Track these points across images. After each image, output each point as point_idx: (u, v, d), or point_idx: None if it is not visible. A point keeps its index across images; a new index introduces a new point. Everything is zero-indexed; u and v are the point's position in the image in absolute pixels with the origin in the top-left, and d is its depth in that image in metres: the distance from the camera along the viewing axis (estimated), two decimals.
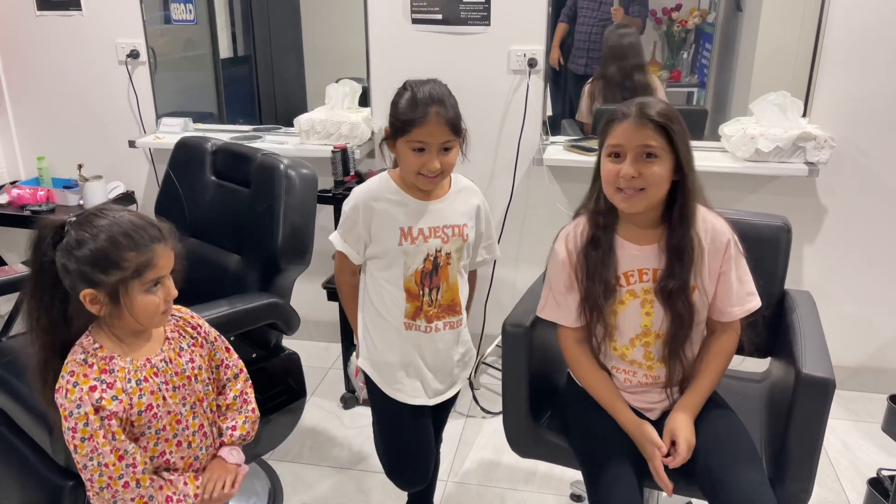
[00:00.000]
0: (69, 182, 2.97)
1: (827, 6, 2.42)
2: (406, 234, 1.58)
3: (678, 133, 1.40)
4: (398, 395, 1.68)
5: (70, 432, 1.23)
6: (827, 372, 1.39)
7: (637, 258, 1.50)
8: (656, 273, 1.49)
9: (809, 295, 1.81)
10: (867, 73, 2.45)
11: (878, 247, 2.62)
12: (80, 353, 1.27)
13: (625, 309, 1.52)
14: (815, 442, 1.43)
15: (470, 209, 1.66)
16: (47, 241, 1.23)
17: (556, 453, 1.67)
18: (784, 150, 2.41)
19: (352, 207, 1.62)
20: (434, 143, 1.50)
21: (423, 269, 1.60)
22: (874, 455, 2.41)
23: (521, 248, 2.87)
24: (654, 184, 1.40)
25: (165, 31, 3.06)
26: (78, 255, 1.20)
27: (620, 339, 1.55)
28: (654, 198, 1.43)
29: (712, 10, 2.79)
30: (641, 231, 1.50)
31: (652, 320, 1.51)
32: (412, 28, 2.69)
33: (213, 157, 2.20)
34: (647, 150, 1.39)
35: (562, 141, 2.76)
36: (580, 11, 2.80)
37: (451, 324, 1.67)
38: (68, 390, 1.23)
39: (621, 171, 1.40)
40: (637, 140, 1.40)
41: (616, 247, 1.51)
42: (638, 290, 1.51)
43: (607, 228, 1.51)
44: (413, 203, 1.60)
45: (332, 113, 2.77)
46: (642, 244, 1.50)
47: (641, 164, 1.40)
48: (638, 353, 1.54)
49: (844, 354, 2.71)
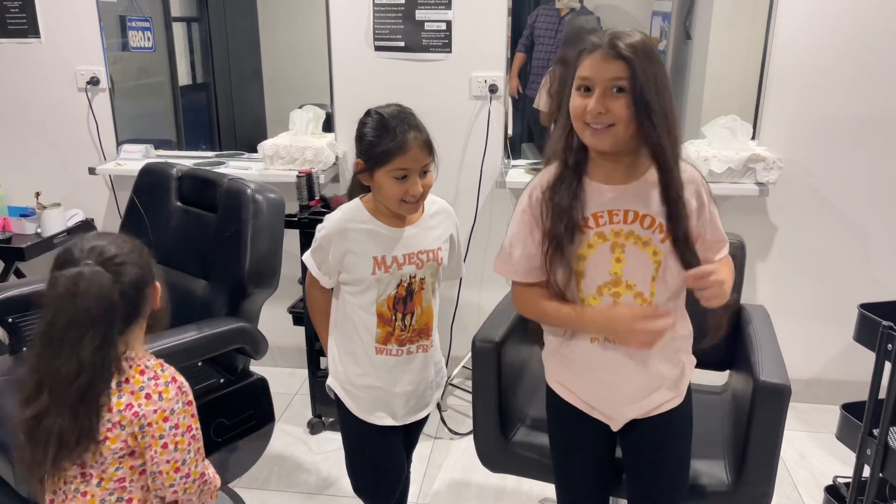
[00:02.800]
0: (26, 210, 2.92)
1: (772, 34, 2.54)
2: (380, 264, 1.57)
3: (641, 67, 1.28)
4: (368, 416, 1.67)
5: (173, 431, 1.26)
6: (783, 379, 1.46)
7: (608, 199, 1.39)
8: (627, 215, 1.38)
9: (764, 309, 1.88)
10: (811, 98, 2.57)
11: (826, 262, 2.73)
12: (135, 360, 1.28)
13: (593, 253, 1.39)
14: (774, 446, 1.49)
15: (444, 233, 1.66)
16: (105, 279, 1.21)
17: (526, 467, 1.70)
18: (736, 171, 2.51)
19: (324, 236, 1.60)
20: (415, 168, 1.50)
21: (397, 294, 1.59)
22: (829, 464, 2.49)
23: (485, 270, 2.90)
24: (621, 118, 1.29)
25: (123, 58, 3.05)
26: (133, 259, 1.26)
27: (587, 288, 1.41)
28: (624, 134, 1.31)
29: (663, 38, 2.89)
30: (613, 171, 1.39)
31: (623, 268, 1.39)
32: (375, 55, 2.73)
33: (179, 183, 2.20)
34: (617, 84, 1.29)
35: (523, 164, 2.82)
36: (537, 41, 2.88)
37: (423, 347, 1.66)
38: (162, 392, 1.26)
39: (588, 106, 1.30)
40: (606, 73, 1.29)
41: (586, 186, 1.39)
42: (608, 233, 1.39)
43: (576, 167, 1.39)
44: (386, 231, 1.58)
45: (296, 138, 2.79)
46: (613, 183, 1.39)
47: (610, 98, 1.29)
48: (605, 302, 1.41)
49: (798, 367, 2.79)
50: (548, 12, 2.88)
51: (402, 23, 2.68)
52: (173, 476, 1.28)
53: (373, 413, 1.67)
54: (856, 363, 2.70)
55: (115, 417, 1.24)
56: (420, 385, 1.69)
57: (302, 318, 2.62)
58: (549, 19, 2.88)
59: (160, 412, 1.25)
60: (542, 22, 2.89)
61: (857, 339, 1.99)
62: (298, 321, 2.68)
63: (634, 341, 1.37)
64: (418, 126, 1.52)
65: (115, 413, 1.24)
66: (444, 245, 1.65)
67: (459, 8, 2.65)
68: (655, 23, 2.92)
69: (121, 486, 1.29)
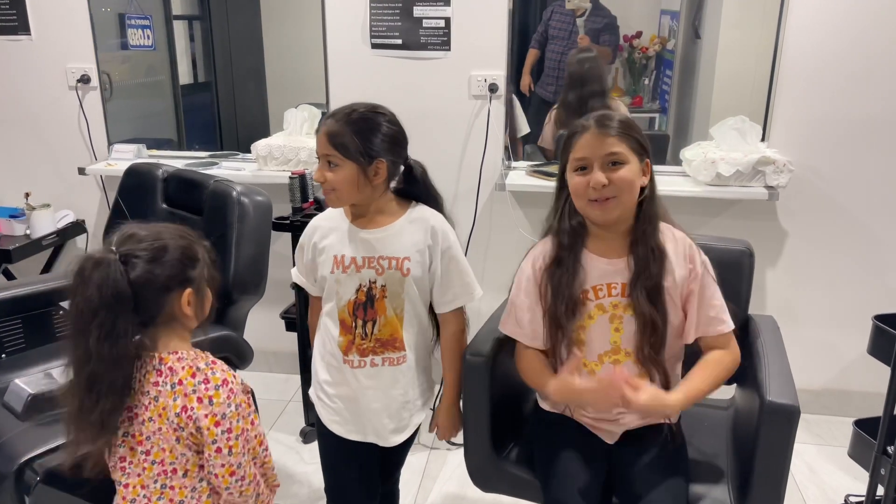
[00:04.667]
0: (15, 211, 2.87)
1: (783, 33, 2.45)
2: (338, 263, 1.53)
3: (639, 135, 1.44)
4: (334, 427, 1.61)
5: (225, 436, 1.24)
6: (791, 399, 1.36)
7: (606, 272, 1.48)
8: (625, 287, 1.47)
9: (773, 320, 1.79)
10: (823, 99, 2.48)
11: (838, 269, 2.64)
12: (189, 361, 1.26)
13: (593, 324, 1.48)
14: (782, 470, 1.40)
15: (417, 242, 1.54)
16: (118, 270, 1.20)
17: (519, 487, 1.62)
18: (744, 175, 2.42)
19: (305, 233, 1.60)
20: (319, 153, 1.49)
21: (356, 300, 1.53)
22: (840, 479, 2.40)
23: (484, 274, 2.83)
24: (624, 189, 1.41)
25: (122, 57, 3.00)
26: (166, 260, 1.24)
27: (589, 355, 1.50)
28: (627, 203, 1.43)
29: (672, 38, 2.82)
30: (610, 244, 1.49)
31: (622, 337, 1.47)
32: (372, 53, 2.66)
33: (165, 185, 2.13)
34: (613, 158, 1.41)
35: (524, 166, 2.74)
36: (551, 39, 2.81)
37: (390, 360, 1.57)
38: (212, 396, 1.23)
39: (591, 181, 1.41)
40: (602, 149, 1.41)
41: (585, 261, 1.49)
42: (606, 305, 1.48)
43: (573, 246, 1.49)
44: (350, 230, 1.54)
45: (290, 139, 2.72)
46: (612, 257, 1.48)
47: (609, 171, 1.41)
48: (606, 370, 1.49)
49: (808, 377, 2.71)
50: (562, 10, 2.81)
51: (400, 20, 2.60)
52: (228, 479, 1.28)
53: (342, 425, 1.60)
54: (869, 374, 2.61)
55: (174, 420, 1.24)
56: (391, 404, 1.59)
57: (295, 324, 2.55)
58: (564, 17, 2.80)
59: (211, 417, 1.23)
60: (556, 20, 2.81)
61: (871, 353, 1.91)
62: (291, 327, 2.61)
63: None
64: (338, 117, 1.50)
65: (173, 416, 1.24)
66: (413, 256, 1.53)
67: (459, 4, 2.57)
68: (664, 21, 2.85)
69: (163, 473, 1.29)
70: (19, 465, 1.55)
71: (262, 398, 1.99)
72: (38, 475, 1.55)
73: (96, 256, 1.21)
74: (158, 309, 1.26)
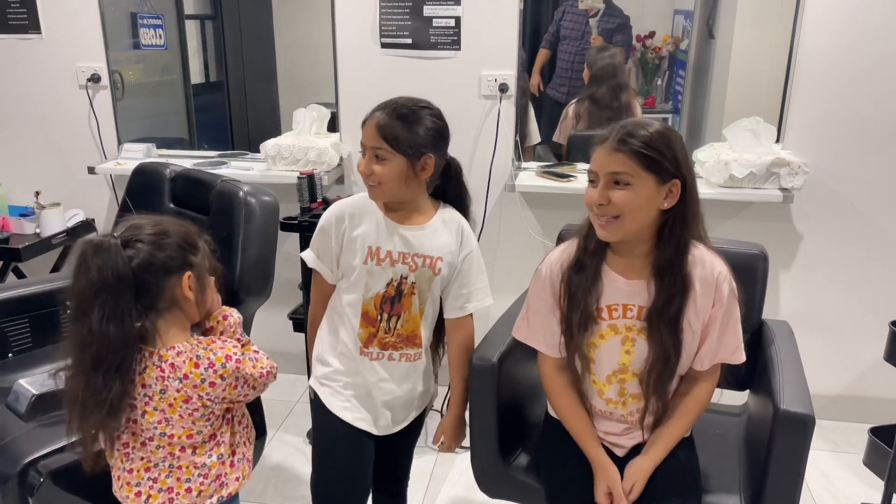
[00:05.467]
0: (25, 209, 2.87)
1: (798, 33, 2.41)
2: (373, 254, 1.51)
3: (668, 154, 1.32)
4: (343, 413, 1.58)
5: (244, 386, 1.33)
6: (806, 407, 1.33)
7: (623, 292, 1.42)
8: (642, 311, 1.41)
9: (787, 325, 1.76)
10: (839, 99, 2.44)
11: (854, 273, 2.59)
12: (188, 354, 1.29)
13: (604, 343, 1.44)
14: (796, 479, 1.37)
15: (449, 243, 1.56)
16: (119, 255, 1.22)
17: (526, 493, 1.59)
18: (758, 176, 2.39)
19: (326, 219, 1.56)
20: (367, 144, 1.47)
21: (385, 293, 1.53)
22: (855, 487, 2.35)
23: (494, 276, 2.77)
24: (626, 211, 1.33)
25: (135, 56, 3.01)
26: (166, 243, 1.26)
27: (598, 373, 1.48)
28: (630, 226, 1.35)
29: (685, 38, 2.79)
30: (630, 264, 1.42)
31: (631, 359, 1.44)
32: (381, 52, 2.64)
33: (172, 184, 2.12)
34: (616, 178, 1.33)
35: (534, 167, 2.71)
36: (563, 39, 2.79)
37: (408, 356, 1.58)
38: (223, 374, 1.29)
39: (591, 198, 1.37)
40: (606, 167, 1.34)
41: (603, 276, 1.43)
42: (620, 327, 1.43)
43: (595, 255, 1.43)
44: (387, 224, 1.52)
45: (299, 138, 2.71)
46: (631, 278, 1.41)
47: (611, 190, 1.34)
48: (613, 390, 1.47)
49: (823, 383, 2.67)
50: (574, 10, 2.78)
51: (410, 19, 2.58)
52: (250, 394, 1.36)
53: (351, 412, 1.58)
54: (886, 380, 2.57)
55: (195, 404, 1.29)
56: (401, 398, 1.60)
57: (303, 325, 2.54)
58: (577, 17, 2.78)
59: (228, 387, 1.31)
60: (568, 20, 2.79)
61: (887, 359, 1.87)
62: (299, 328, 2.60)
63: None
64: (390, 109, 1.48)
65: (195, 400, 1.28)
66: (445, 256, 1.55)
67: (469, 4, 2.54)
68: (678, 21, 2.81)
69: (170, 455, 1.33)
70: (23, 465, 1.54)
71: (268, 399, 1.96)
72: (41, 476, 1.54)
73: (96, 241, 1.23)
74: (159, 292, 1.27)
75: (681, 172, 1.34)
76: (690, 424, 1.47)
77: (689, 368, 1.48)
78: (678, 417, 1.45)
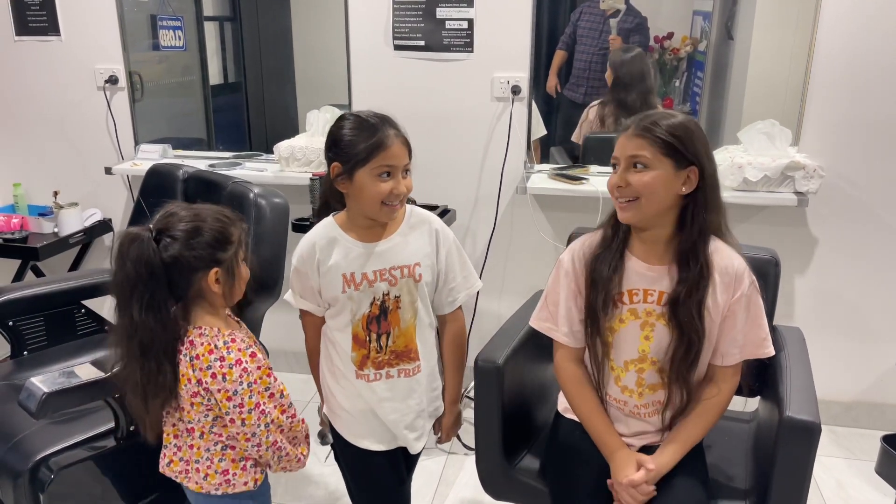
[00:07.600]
0: (44, 209, 2.92)
1: (817, 36, 2.38)
2: (349, 281, 1.49)
3: (686, 142, 1.36)
4: (360, 441, 1.59)
5: (238, 409, 1.35)
6: (812, 415, 1.32)
7: (644, 277, 1.44)
8: (662, 296, 1.43)
9: (799, 331, 1.74)
10: (857, 103, 2.40)
11: (869, 278, 2.55)
12: (209, 338, 1.35)
13: (624, 328, 1.46)
14: (801, 487, 1.35)
15: (423, 247, 1.54)
16: (151, 247, 1.30)
17: (532, 496, 1.59)
18: (772, 180, 2.36)
19: (298, 259, 1.53)
20: (399, 165, 1.43)
21: (370, 313, 1.51)
22: (869, 495, 2.32)
23: (505, 279, 2.80)
24: (645, 193, 1.37)
25: (155, 57, 3.04)
26: (195, 242, 1.33)
27: (616, 359, 1.49)
28: (648, 209, 1.38)
29: (703, 39, 2.76)
30: (652, 249, 1.45)
31: (651, 346, 1.45)
32: (394, 55, 2.65)
33: (185, 185, 2.15)
34: (635, 160, 1.38)
35: (547, 169, 2.70)
36: (580, 40, 2.78)
37: (405, 371, 1.55)
38: (226, 374, 1.33)
39: (610, 180, 1.42)
40: (627, 150, 1.39)
41: (625, 261, 1.46)
42: (640, 311, 1.45)
43: (618, 240, 1.47)
44: (356, 247, 1.50)
45: (312, 140, 2.72)
46: (652, 263, 1.44)
47: (630, 173, 1.38)
48: (630, 378, 1.47)
49: (837, 389, 2.64)
50: (592, 10, 2.77)
51: (423, 21, 2.59)
52: (245, 445, 1.40)
53: (362, 438, 1.58)
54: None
55: (193, 388, 1.36)
56: (407, 414, 1.58)
57: None
58: (594, 18, 2.76)
59: (223, 392, 1.34)
60: (585, 21, 2.78)
61: None
62: None
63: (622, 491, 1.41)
64: (397, 125, 1.46)
65: (193, 384, 1.35)
66: (423, 260, 1.53)
67: (482, 6, 2.55)
68: (696, 22, 2.79)
69: (222, 439, 1.42)
70: (35, 462, 1.57)
71: None
72: (52, 472, 1.57)
73: (133, 233, 1.31)
74: (187, 285, 1.35)
75: (699, 161, 1.37)
76: (709, 426, 1.46)
77: (712, 366, 1.47)
78: (698, 417, 1.45)
